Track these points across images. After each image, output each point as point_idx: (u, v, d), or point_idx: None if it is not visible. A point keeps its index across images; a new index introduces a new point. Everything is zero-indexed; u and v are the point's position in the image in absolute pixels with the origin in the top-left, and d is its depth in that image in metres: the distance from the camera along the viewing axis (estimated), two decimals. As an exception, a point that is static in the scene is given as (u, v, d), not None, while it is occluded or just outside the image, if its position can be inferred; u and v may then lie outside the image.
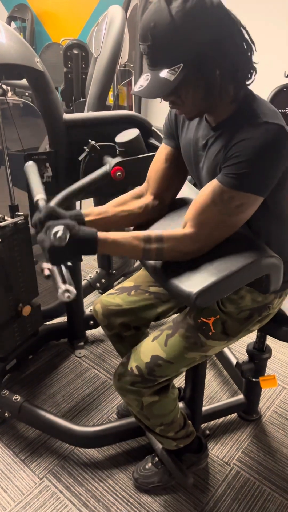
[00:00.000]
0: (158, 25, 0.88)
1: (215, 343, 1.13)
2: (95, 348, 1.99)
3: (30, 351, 1.87)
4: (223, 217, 0.99)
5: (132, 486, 1.42)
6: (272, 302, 1.16)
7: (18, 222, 1.51)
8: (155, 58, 0.92)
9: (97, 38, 1.79)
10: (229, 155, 0.96)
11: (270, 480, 1.45)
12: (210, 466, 1.49)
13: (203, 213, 1.01)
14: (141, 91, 0.94)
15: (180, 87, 0.93)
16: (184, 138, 1.15)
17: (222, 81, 0.94)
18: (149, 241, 1.02)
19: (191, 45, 0.89)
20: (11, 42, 1.29)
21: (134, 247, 1.02)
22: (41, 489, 1.42)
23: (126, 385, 1.13)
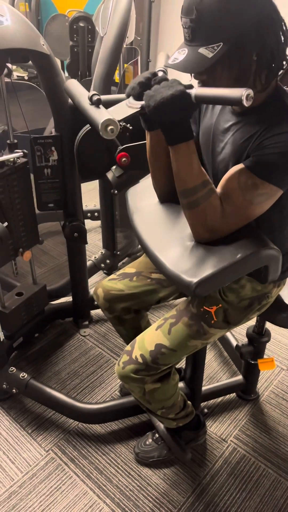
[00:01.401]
0: (205, 1, 0.87)
1: (216, 331, 1.17)
2: (99, 327, 2.05)
3: (36, 330, 1.93)
4: (245, 203, 0.99)
5: (133, 460, 1.50)
6: (271, 291, 1.20)
7: (17, 160, 1.45)
8: (196, 33, 0.91)
9: (103, 16, 1.76)
10: (264, 145, 0.96)
11: (265, 457, 1.52)
12: (208, 443, 1.56)
13: (228, 190, 1.00)
14: (176, 64, 0.93)
15: (216, 66, 0.92)
16: (205, 123, 1.15)
17: (257, 66, 0.94)
18: (206, 184, 0.99)
19: (235, 25, 0.89)
20: (16, 25, 1.28)
21: (194, 176, 0.99)
22: (47, 461, 1.49)
23: (130, 373, 1.16)
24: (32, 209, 1.59)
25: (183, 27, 0.94)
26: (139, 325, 1.47)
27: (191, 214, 1.03)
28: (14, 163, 1.44)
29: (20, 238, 1.58)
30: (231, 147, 1.05)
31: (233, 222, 1.02)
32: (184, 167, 0.99)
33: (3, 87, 1.43)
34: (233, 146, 1.05)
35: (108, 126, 0.88)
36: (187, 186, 1.00)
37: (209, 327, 1.16)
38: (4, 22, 1.26)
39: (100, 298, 1.41)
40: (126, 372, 1.18)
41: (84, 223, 1.81)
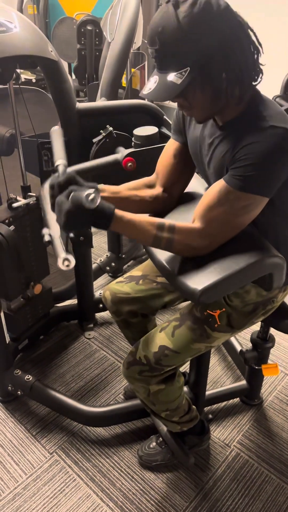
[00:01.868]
0: (165, 30, 0.89)
1: (220, 334, 1.18)
2: (104, 330, 2.06)
3: (41, 332, 1.94)
4: (229, 217, 1.02)
5: (137, 463, 1.51)
6: (276, 296, 1.20)
7: (30, 203, 1.51)
8: (163, 62, 0.93)
9: (111, 22, 1.77)
10: (236, 158, 0.98)
11: (268, 462, 1.52)
12: (211, 448, 1.57)
13: (209, 211, 1.03)
14: (149, 93, 0.96)
15: (187, 90, 0.94)
16: (191, 135, 1.16)
17: (228, 83, 0.95)
18: (161, 229, 1.04)
19: (198, 49, 0.90)
20: (25, 32, 1.29)
21: (146, 232, 1.03)
22: (51, 463, 1.51)
23: (135, 374, 1.18)
24: (42, 245, 1.64)
25: (151, 56, 0.96)
26: (146, 329, 1.48)
27: (176, 252, 1.08)
28: (27, 204, 1.51)
29: (31, 272, 1.63)
30: (215, 161, 1.07)
31: (221, 235, 1.05)
32: (131, 233, 1.05)
33: (11, 92, 1.45)
34: (216, 160, 1.07)
35: (65, 261, 0.94)
36: (149, 240, 1.05)
37: (212, 330, 1.16)
38: (13, 29, 1.28)
39: (108, 301, 1.42)
40: (130, 373, 1.20)
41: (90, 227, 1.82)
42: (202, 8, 0.88)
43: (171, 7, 0.89)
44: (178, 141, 1.21)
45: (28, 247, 1.58)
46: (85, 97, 3.76)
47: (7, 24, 1.26)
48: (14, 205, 1.47)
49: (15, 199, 1.50)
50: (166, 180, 1.24)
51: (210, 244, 1.06)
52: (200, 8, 0.88)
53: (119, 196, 1.18)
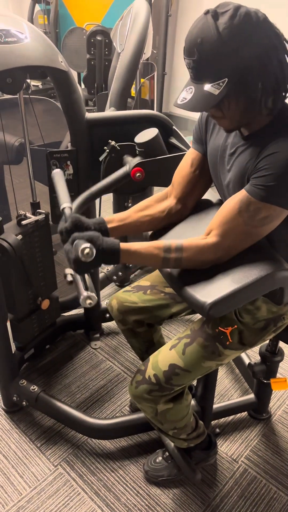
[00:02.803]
0: (204, 41, 0.89)
1: (231, 352, 1.15)
2: (111, 340, 2.04)
3: (47, 341, 1.93)
4: (247, 228, 1.00)
5: (142, 478, 1.48)
6: (286, 313, 1.18)
7: (39, 219, 1.54)
8: (200, 73, 0.93)
9: (121, 33, 1.78)
10: (259, 167, 0.97)
11: (277, 479, 1.49)
12: (218, 463, 1.53)
13: (228, 223, 1.02)
14: (185, 104, 0.95)
15: (223, 101, 0.94)
16: (212, 144, 1.15)
17: (263, 94, 0.95)
18: (168, 251, 1.04)
19: (237, 60, 0.90)
20: (35, 43, 1.30)
21: (154, 257, 1.05)
22: (55, 476, 1.48)
23: (143, 393, 1.15)
24: (51, 260, 1.67)
25: (187, 67, 0.95)
26: (152, 339, 1.46)
27: (185, 268, 1.08)
28: (36, 221, 1.52)
29: (39, 288, 1.64)
30: (236, 170, 1.06)
31: (239, 244, 1.04)
32: (140, 261, 1.07)
33: (21, 102, 1.46)
34: (237, 169, 1.05)
35: (87, 300, 0.97)
36: (158, 264, 1.06)
37: (224, 348, 1.14)
38: (24, 39, 1.28)
39: (114, 310, 1.41)
40: (139, 392, 1.17)
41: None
42: (242, 19, 0.88)
43: (210, 18, 0.89)
44: (198, 151, 1.21)
45: (36, 263, 1.59)
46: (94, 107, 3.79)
47: (18, 34, 1.26)
48: (23, 223, 1.49)
49: (25, 216, 1.51)
50: (182, 190, 1.23)
51: (223, 256, 1.05)
52: (240, 19, 0.88)
53: (128, 222, 1.20)
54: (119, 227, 1.18)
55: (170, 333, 2.06)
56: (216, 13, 0.89)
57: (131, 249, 1.03)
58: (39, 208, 1.60)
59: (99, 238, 1.00)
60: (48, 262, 1.65)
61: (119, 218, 1.19)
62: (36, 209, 1.60)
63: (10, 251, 1.40)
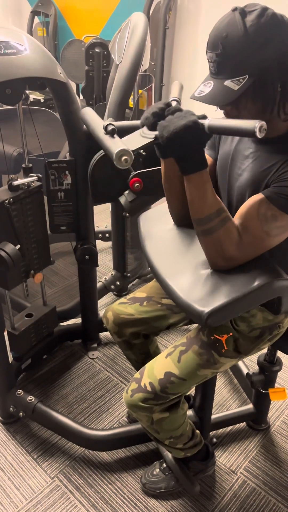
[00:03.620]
0: (230, 36, 0.90)
1: (227, 360, 1.15)
2: (108, 350, 2.03)
3: (44, 351, 1.92)
4: (262, 234, 0.99)
5: (140, 490, 1.46)
6: (282, 321, 1.18)
7: (32, 184, 1.47)
8: (222, 67, 0.94)
9: (119, 45, 1.80)
10: (284, 177, 0.97)
11: (276, 490, 1.48)
12: (217, 474, 1.52)
13: (247, 221, 1.00)
14: (203, 97, 0.95)
15: (241, 98, 0.94)
16: (223, 148, 1.16)
17: (281, 97, 0.96)
18: (220, 213, 0.99)
19: (260, 58, 0.91)
20: (35, 54, 1.31)
21: (208, 204, 0.98)
22: (52, 488, 1.47)
23: (138, 402, 1.15)
24: (44, 232, 1.61)
25: (208, 61, 0.96)
26: (148, 350, 1.46)
27: (205, 241, 1.02)
28: (28, 186, 1.46)
29: (32, 260, 1.59)
30: (249, 174, 1.05)
31: (249, 251, 1.02)
32: (197, 196, 0.99)
33: (20, 113, 1.46)
34: (251, 174, 1.05)
35: (123, 156, 0.91)
36: (201, 214, 1.00)
37: (219, 356, 1.14)
38: (23, 51, 1.29)
39: (109, 322, 1.40)
40: (134, 401, 1.16)
41: (96, 245, 1.82)
42: (269, 19, 0.90)
43: (238, 15, 0.91)
44: (212, 157, 1.20)
45: (29, 233, 1.53)
46: (92, 117, 3.81)
47: (18, 46, 1.28)
48: (14, 183, 1.41)
49: (16, 179, 1.44)
50: None
51: (237, 257, 1.01)
52: (268, 19, 0.90)
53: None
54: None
55: (168, 343, 2.05)
56: (244, 11, 0.91)
57: (207, 176, 0.97)
58: (31, 172, 1.53)
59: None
60: (41, 234, 1.59)
61: None
62: (29, 173, 1.53)
63: (8, 262, 1.39)
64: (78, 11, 4.78)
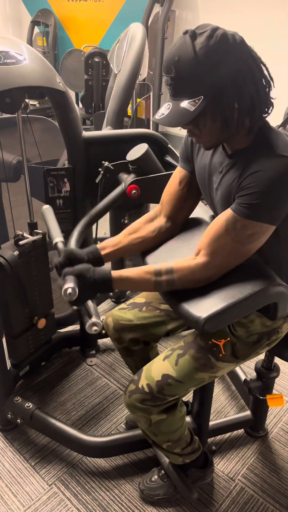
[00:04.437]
0: (182, 59, 0.92)
1: (224, 365, 1.16)
2: (106, 357, 2.03)
3: (42, 358, 1.92)
4: (236, 245, 1.02)
5: (138, 497, 1.46)
6: (280, 327, 1.19)
7: (36, 240, 1.55)
8: (177, 89, 0.96)
9: (118, 55, 1.83)
10: (243, 186, 0.99)
11: (274, 497, 1.47)
12: (215, 481, 1.52)
13: (216, 241, 1.04)
14: (162, 119, 0.98)
15: (199, 118, 0.97)
16: (199, 163, 1.18)
17: (239, 114, 0.98)
18: (159, 274, 1.08)
19: (212, 79, 0.93)
20: (34, 64, 1.33)
21: (146, 281, 1.09)
22: (50, 495, 1.46)
23: (136, 403, 1.16)
24: (47, 280, 1.68)
25: (165, 84, 0.99)
26: (148, 357, 1.46)
27: (179, 288, 1.09)
28: (33, 241, 1.54)
29: (35, 307, 1.65)
30: (223, 188, 1.08)
31: (227, 263, 1.05)
32: (132, 286, 1.12)
33: (19, 121, 1.49)
34: (223, 189, 1.08)
35: (93, 326, 1.05)
36: (151, 288, 1.11)
37: (217, 360, 1.15)
38: (23, 61, 1.32)
39: (109, 328, 1.41)
40: (132, 401, 1.17)
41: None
42: (218, 40, 0.92)
43: (188, 38, 0.93)
44: (185, 169, 1.23)
45: (33, 282, 1.60)
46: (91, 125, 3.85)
47: (17, 56, 1.30)
48: (20, 243, 1.50)
49: (22, 236, 1.53)
50: (171, 207, 1.26)
51: (214, 274, 1.06)
52: (217, 40, 0.91)
53: (120, 246, 1.25)
54: (112, 253, 1.24)
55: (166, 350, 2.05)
56: (194, 34, 0.93)
57: (122, 276, 1.08)
58: (36, 228, 1.62)
59: (89, 270, 1.07)
60: (45, 281, 1.66)
61: (111, 244, 1.25)
62: (33, 229, 1.61)
63: (7, 267, 1.41)
64: (77, 21, 4.85)
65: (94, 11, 4.64)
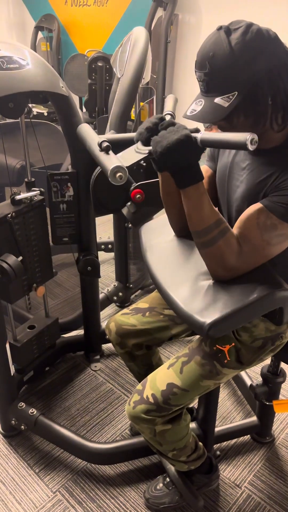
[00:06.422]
0: (216, 55, 0.91)
1: (229, 371, 1.14)
2: (111, 362, 2.02)
3: (47, 363, 1.91)
4: (263, 243, 0.99)
5: (143, 505, 1.44)
6: (285, 332, 1.17)
7: (34, 198, 1.48)
8: (211, 85, 0.95)
9: (121, 59, 1.82)
10: (282, 186, 0.97)
11: (281, 505, 1.45)
12: (221, 488, 1.50)
13: (246, 230, 1.00)
14: (195, 115, 0.97)
15: (233, 114, 0.95)
16: (222, 161, 1.17)
17: (273, 110, 0.97)
18: (218, 224, 0.99)
19: (247, 75, 0.92)
20: (37, 69, 1.33)
21: (206, 216, 0.99)
22: (54, 503, 1.45)
23: (141, 414, 1.14)
24: (47, 245, 1.62)
25: (198, 80, 0.97)
26: (151, 362, 1.45)
27: (206, 253, 1.02)
28: (31, 200, 1.48)
29: (34, 273, 1.59)
30: (246, 187, 1.06)
31: (251, 261, 1.02)
32: (195, 209, 1.00)
33: (22, 126, 1.48)
34: (248, 186, 1.06)
35: (117, 173, 0.93)
36: (200, 227, 1.00)
37: (222, 367, 1.13)
38: (26, 66, 1.31)
39: (112, 333, 1.40)
40: (136, 412, 1.15)
41: (98, 256, 1.82)
42: (254, 36, 0.91)
43: (223, 34, 0.92)
44: (211, 168, 1.22)
45: (31, 247, 1.54)
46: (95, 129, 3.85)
47: (20, 61, 1.30)
48: (17, 198, 1.43)
49: (19, 193, 1.45)
50: None
51: (238, 267, 1.01)
52: (252, 36, 0.91)
53: (169, 190, 1.16)
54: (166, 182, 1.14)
55: (171, 354, 2.04)
56: (229, 29, 0.92)
57: (203, 188, 0.98)
58: (34, 186, 1.54)
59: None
60: (44, 247, 1.60)
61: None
62: (31, 188, 1.54)
63: (10, 274, 1.39)
64: (81, 26, 4.87)
65: (98, 16, 4.65)
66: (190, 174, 0.96)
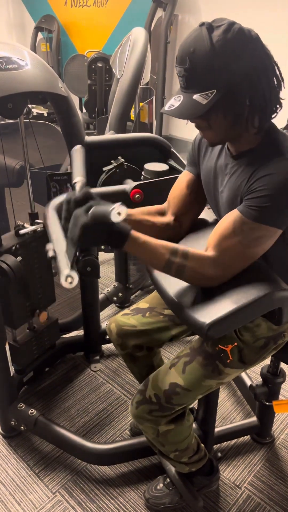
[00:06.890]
0: (197, 51, 0.91)
1: (232, 371, 1.14)
2: (111, 362, 2.02)
3: (46, 364, 1.91)
4: (243, 248, 1.00)
5: (143, 506, 1.44)
6: (286, 330, 1.17)
7: (38, 229, 1.52)
8: (190, 81, 0.95)
9: (120, 60, 1.83)
10: (252, 188, 0.98)
11: (281, 505, 1.45)
12: (221, 489, 1.49)
13: (224, 240, 1.01)
14: (172, 111, 0.96)
15: (210, 112, 0.95)
16: (205, 166, 1.17)
17: (250, 111, 0.96)
18: (175, 254, 1.01)
19: (227, 73, 0.91)
20: (36, 69, 1.33)
21: (159, 255, 1.01)
22: (54, 503, 1.45)
23: (144, 414, 1.14)
24: (50, 272, 1.65)
25: (178, 75, 0.97)
26: (152, 363, 1.45)
27: (184, 279, 1.05)
28: (34, 231, 1.51)
29: (37, 299, 1.62)
30: (229, 191, 1.07)
31: (234, 265, 1.02)
32: (144, 256, 1.02)
33: (21, 127, 1.48)
34: (230, 190, 1.06)
35: (68, 277, 0.90)
36: (160, 266, 1.02)
37: (224, 366, 1.13)
38: (25, 66, 1.31)
39: (113, 334, 1.40)
40: (139, 413, 1.15)
41: (98, 257, 1.82)
42: (235, 34, 0.91)
43: (205, 30, 0.91)
44: (192, 173, 1.22)
45: (34, 275, 1.57)
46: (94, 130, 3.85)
47: (19, 61, 1.30)
48: (21, 232, 1.47)
49: (23, 226, 1.50)
50: (177, 209, 1.24)
51: (223, 274, 1.03)
52: (234, 34, 0.91)
53: (132, 218, 1.17)
54: (124, 221, 1.14)
55: (172, 355, 2.04)
56: (211, 26, 0.92)
57: (140, 238, 0.99)
58: (37, 218, 1.58)
59: (110, 213, 0.94)
60: (47, 274, 1.62)
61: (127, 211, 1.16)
62: (34, 219, 1.58)
63: (10, 274, 1.40)
64: (80, 27, 4.87)
65: (97, 17, 4.66)
66: (116, 239, 0.96)
